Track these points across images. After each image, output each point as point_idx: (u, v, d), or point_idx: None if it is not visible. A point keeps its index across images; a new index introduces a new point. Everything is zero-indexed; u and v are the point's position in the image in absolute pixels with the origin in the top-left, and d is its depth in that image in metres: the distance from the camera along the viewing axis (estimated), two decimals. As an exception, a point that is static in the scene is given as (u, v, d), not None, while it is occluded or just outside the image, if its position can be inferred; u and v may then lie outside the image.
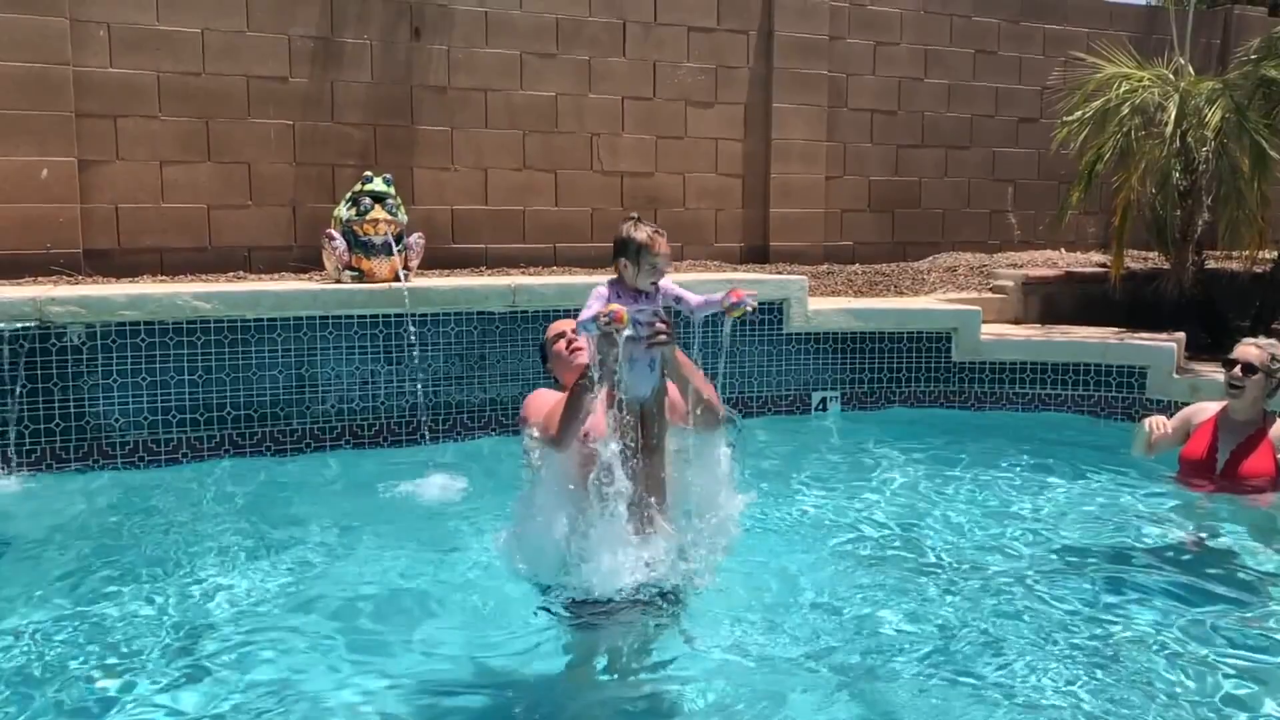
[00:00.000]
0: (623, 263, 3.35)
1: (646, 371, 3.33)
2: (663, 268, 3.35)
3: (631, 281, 3.36)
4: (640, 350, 3.32)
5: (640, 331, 3.27)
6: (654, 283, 3.35)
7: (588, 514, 3.39)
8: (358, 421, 5.67)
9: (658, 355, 3.36)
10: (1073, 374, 6.54)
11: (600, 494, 3.33)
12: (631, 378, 3.30)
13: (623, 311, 3.15)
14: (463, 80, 7.60)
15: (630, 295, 3.35)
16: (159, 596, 3.65)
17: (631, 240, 3.34)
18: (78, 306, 5.11)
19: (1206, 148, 7.10)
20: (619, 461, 3.36)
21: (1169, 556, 4.15)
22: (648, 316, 3.31)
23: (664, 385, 3.39)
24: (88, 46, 6.62)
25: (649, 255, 3.33)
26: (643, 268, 3.33)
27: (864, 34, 8.91)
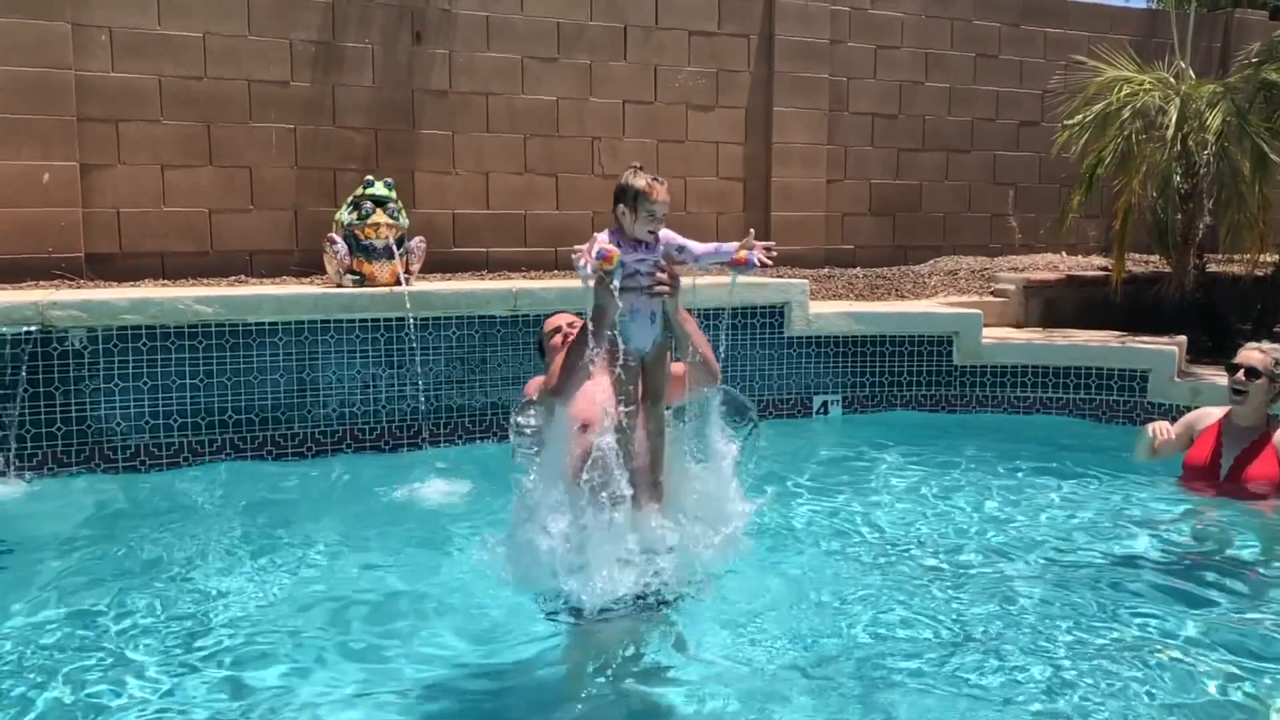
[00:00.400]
0: (621, 210, 3.34)
1: (647, 324, 3.33)
2: (661, 215, 3.33)
3: (630, 230, 3.34)
4: (641, 301, 3.31)
5: (641, 281, 3.26)
6: (652, 232, 3.35)
7: (584, 518, 3.40)
8: (359, 425, 5.67)
9: (659, 308, 3.36)
10: (1074, 378, 6.54)
11: (596, 495, 3.33)
12: (633, 328, 3.31)
13: (615, 251, 3.17)
14: (464, 84, 7.60)
15: (630, 245, 3.33)
16: (159, 600, 3.65)
17: (630, 186, 3.32)
18: (79, 311, 5.11)
19: (1207, 151, 7.11)
20: (616, 459, 3.36)
21: (1172, 562, 4.14)
22: (648, 267, 3.30)
23: (666, 340, 3.38)
24: (89, 51, 6.62)
25: (647, 202, 3.31)
26: (640, 215, 3.32)
27: (865, 38, 8.91)
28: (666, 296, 3.33)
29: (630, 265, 3.28)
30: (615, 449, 3.36)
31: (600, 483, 3.35)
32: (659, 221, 3.33)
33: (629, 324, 3.31)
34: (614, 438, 3.35)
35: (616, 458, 3.35)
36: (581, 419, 3.56)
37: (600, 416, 3.51)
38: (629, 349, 3.31)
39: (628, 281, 3.30)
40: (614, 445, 3.35)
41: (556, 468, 3.51)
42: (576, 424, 3.54)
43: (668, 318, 3.36)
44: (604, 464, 3.34)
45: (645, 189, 3.30)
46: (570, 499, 3.39)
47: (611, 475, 3.33)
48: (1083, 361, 6.53)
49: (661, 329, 3.36)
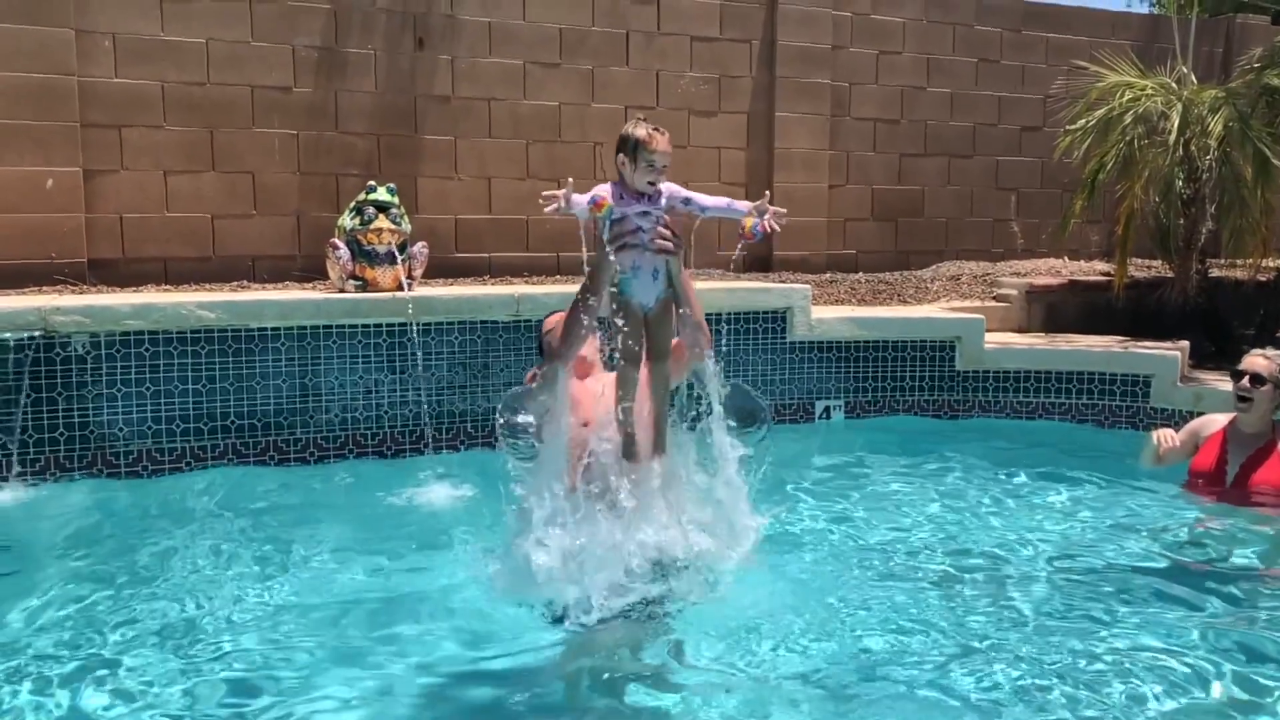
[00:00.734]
0: (621, 159, 3.36)
1: (650, 280, 3.36)
2: (661, 166, 3.34)
3: (630, 181, 3.36)
4: (644, 258, 3.33)
5: (643, 238, 3.29)
6: (652, 183, 3.35)
7: (584, 532, 3.41)
8: (361, 431, 5.67)
9: (662, 265, 3.38)
10: (1077, 383, 6.53)
11: (593, 505, 3.34)
12: (635, 285, 3.35)
13: (606, 200, 3.22)
14: (466, 90, 7.61)
15: (633, 197, 3.34)
16: (161, 605, 3.64)
17: (630, 136, 3.34)
18: (82, 316, 5.12)
19: (1210, 156, 7.11)
20: (614, 461, 3.37)
21: (1178, 569, 4.11)
22: (651, 221, 3.31)
23: (669, 296, 3.41)
24: (93, 57, 6.64)
25: (646, 151, 3.32)
26: (640, 165, 3.33)
27: (867, 43, 8.92)
28: (669, 255, 3.32)
29: (633, 220, 3.29)
30: (613, 452, 3.37)
31: (599, 491, 3.36)
32: (659, 172, 3.35)
33: (631, 280, 3.35)
34: (609, 446, 3.37)
35: (615, 460, 3.36)
36: (583, 417, 3.57)
37: (602, 415, 3.52)
38: (632, 304, 3.34)
39: (630, 239, 3.31)
40: (611, 449, 3.37)
41: (555, 470, 3.52)
42: (578, 423, 3.55)
43: (671, 276, 3.37)
44: (601, 472, 3.36)
45: (645, 138, 3.32)
46: (570, 507, 3.40)
47: (609, 482, 3.34)
48: (1085, 367, 6.52)
49: (665, 286, 3.39)
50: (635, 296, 3.39)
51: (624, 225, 3.36)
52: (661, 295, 3.43)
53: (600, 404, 3.63)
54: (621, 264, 3.38)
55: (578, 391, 3.69)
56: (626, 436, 3.49)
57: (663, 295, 3.43)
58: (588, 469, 3.49)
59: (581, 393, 3.70)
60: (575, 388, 3.69)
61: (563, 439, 3.53)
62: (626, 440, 3.49)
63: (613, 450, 3.52)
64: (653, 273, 3.40)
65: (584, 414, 3.63)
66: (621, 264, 3.38)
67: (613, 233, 3.35)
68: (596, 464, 3.48)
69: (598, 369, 3.88)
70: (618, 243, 3.33)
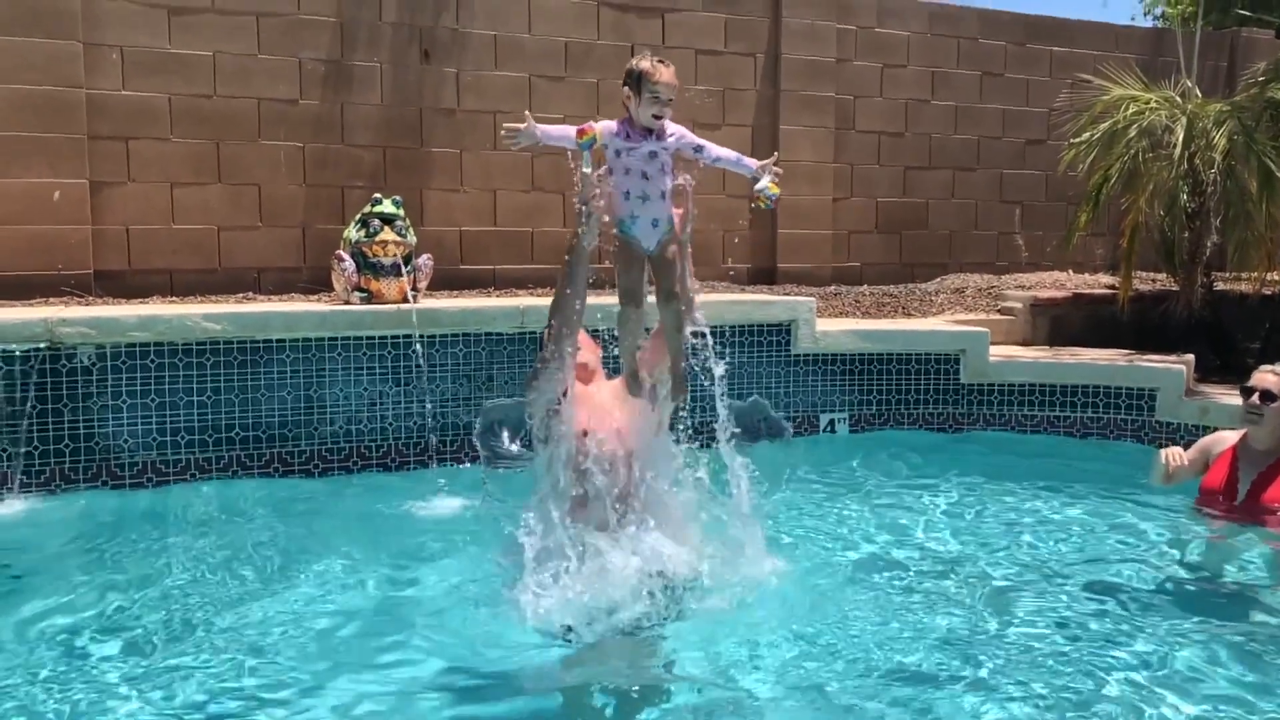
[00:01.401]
0: (626, 93, 3.43)
1: (649, 228, 3.47)
2: (665, 98, 3.40)
3: (636, 115, 3.42)
4: (645, 205, 3.45)
5: (650, 170, 3.43)
6: (658, 116, 3.41)
7: (582, 543, 3.42)
8: (365, 443, 5.67)
9: (663, 215, 3.49)
10: (1081, 396, 6.52)
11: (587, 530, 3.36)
12: (636, 229, 3.46)
13: (593, 128, 3.35)
14: (472, 102, 7.64)
15: (640, 134, 3.41)
16: (165, 617, 3.65)
17: (633, 68, 3.42)
18: (88, 328, 5.13)
19: (1214, 170, 7.10)
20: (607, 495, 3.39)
21: (1189, 589, 4.07)
22: (656, 166, 3.44)
23: (670, 237, 3.52)
24: (101, 69, 6.67)
25: (649, 83, 3.39)
26: (644, 97, 3.40)
27: (871, 56, 8.94)
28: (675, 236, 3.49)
29: (637, 164, 3.42)
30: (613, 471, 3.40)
31: (594, 497, 3.38)
32: (663, 105, 3.42)
33: (631, 226, 3.46)
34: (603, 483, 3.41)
35: (604, 470, 3.39)
36: (583, 424, 3.57)
37: (602, 425, 3.53)
38: (633, 244, 3.46)
39: (626, 180, 3.45)
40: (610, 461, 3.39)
41: (552, 489, 3.53)
42: (578, 430, 3.55)
43: (673, 223, 3.51)
44: (598, 493, 3.37)
45: (648, 69, 3.40)
46: (568, 541, 3.42)
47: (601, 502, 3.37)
48: (1090, 380, 6.51)
49: (666, 230, 3.49)
50: (639, 239, 3.47)
51: (637, 154, 3.46)
52: (664, 238, 3.50)
53: (602, 412, 3.63)
54: (624, 210, 3.49)
55: (580, 397, 3.70)
56: (630, 375, 3.61)
57: (665, 238, 3.51)
58: (582, 503, 3.50)
59: (583, 398, 3.70)
60: (578, 394, 3.70)
61: (562, 446, 3.54)
62: (630, 378, 3.61)
63: (611, 467, 3.53)
64: (652, 221, 3.46)
65: (584, 420, 3.63)
66: (624, 210, 3.49)
67: (624, 164, 3.46)
68: (594, 477, 3.49)
69: (599, 376, 3.88)
70: (629, 169, 3.46)
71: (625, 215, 3.49)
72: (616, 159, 3.51)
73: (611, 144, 3.49)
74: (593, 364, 3.83)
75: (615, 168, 3.52)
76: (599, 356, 3.89)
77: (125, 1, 6.72)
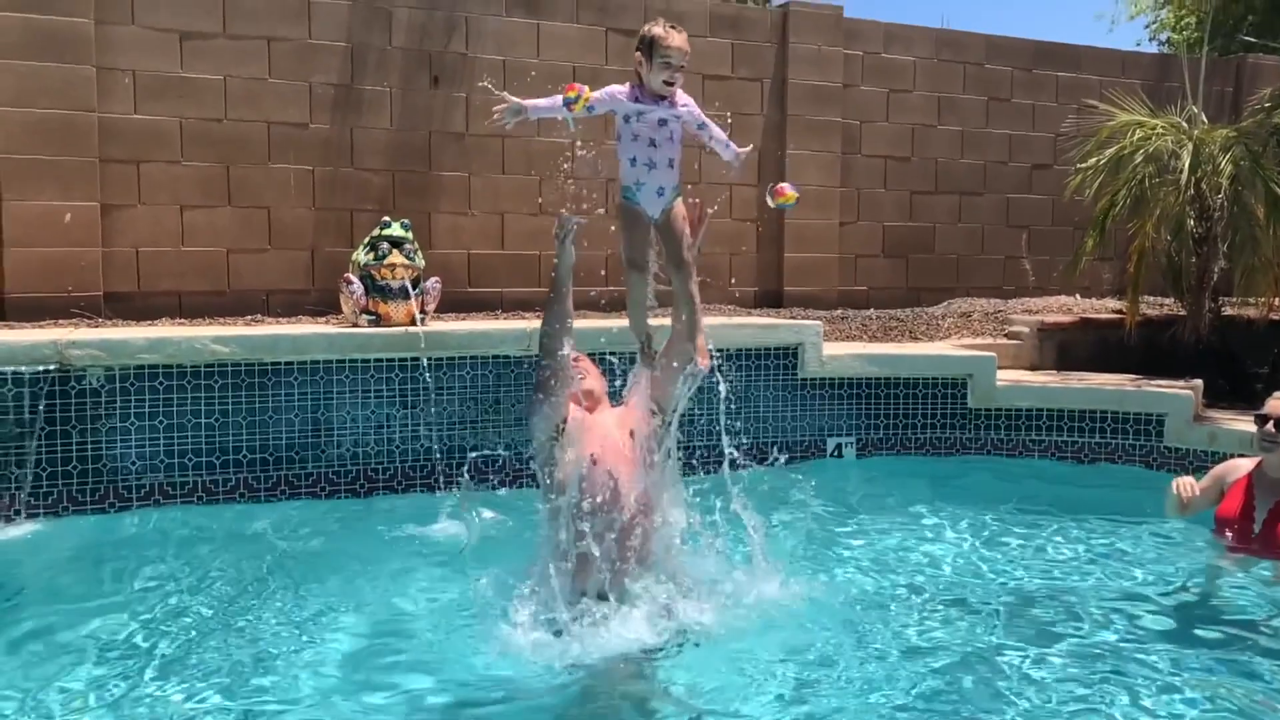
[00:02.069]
0: (638, 58, 3.47)
1: (655, 196, 3.56)
2: (676, 63, 3.45)
3: (647, 81, 3.47)
4: (651, 174, 3.52)
5: (659, 134, 3.50)
6: (669, 83, 3.46)
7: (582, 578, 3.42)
8: (372, 466, 5.67)
9: (669, 183, 3.58)
10: (1089, 421, 6.49)
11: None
12: (642, 196, 3.55)
13: (579, 87, 3.45)
14: (480, 127, 7.68)
15: (650, 99, 3.48)
16: (166, 642, 3.64)
17: (646, 34, 3.47)
18: (98, 350, 5.15)
19: (1221, 195, 7.11)
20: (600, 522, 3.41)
21: (1202, 625, 3.97)
22: (665, 134, 3.51)
23: (675, 203, 3.62)
24: (113, 93, 6.73)
25: (661, 48, 3.44)
26: (655, 63, 3.45)
27: (877, 81, 8.99)
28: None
29: (645, 131, 3.49)
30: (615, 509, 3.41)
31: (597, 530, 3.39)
32: (674, 70, 3.47)
33: (636, 193, 3.55)
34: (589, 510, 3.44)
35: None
36: (590, 451, 3.57)
37: (613, 448, 3.53)
38: (639, 212, 3.55)
39: (634, 146, 3.52)
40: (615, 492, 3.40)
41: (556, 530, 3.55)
42: (586, 458, 3.55)
43: (678, 192, 3.61)
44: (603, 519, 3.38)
45: (661, 34, 3.46)
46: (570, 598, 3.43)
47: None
48: (1098, 405, 6.49)
49: (671, 199, 3.59)
50: (642, 205, 3.55)
51: (647, 119, 3.52)
52: (668, 206, 3.58)
53: (610, 441, 3.63)
54: (630, 176, 3.57)
55: (585, 425, 3.69)
56: (642, 347, 3.68)
57: (669, 206, 3.58)
58: (585, 566, 3.50)
59: (588, 426, 3.70)
60: (582, 420, 3.70)
61: (565, 496, 3.54)
62: (642, 350, 3.69)
63: (616, 498, 3.53)
64: (658, 189, 3.51)
65: (587, 449, 3.62)
66: (630, 176, 3.57)
67: (633, 130, 3.53)
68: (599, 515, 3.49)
69: (604, 404, 3.88)
70: (637, 136, 3.54)
71: (630, 182, 3.56)
72: (625, 124, 3.57)
73: (621, 109, 3.53)
74: (598, 391, 3.83)
75: (623, 133, 3.57)
76: (604, 386, 3.89)
77: (138, 27, 6.78)
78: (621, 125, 3.58)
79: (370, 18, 7.36)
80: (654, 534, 3.61)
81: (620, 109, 3.53)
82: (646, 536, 3.57)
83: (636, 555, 3.53)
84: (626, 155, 3.57)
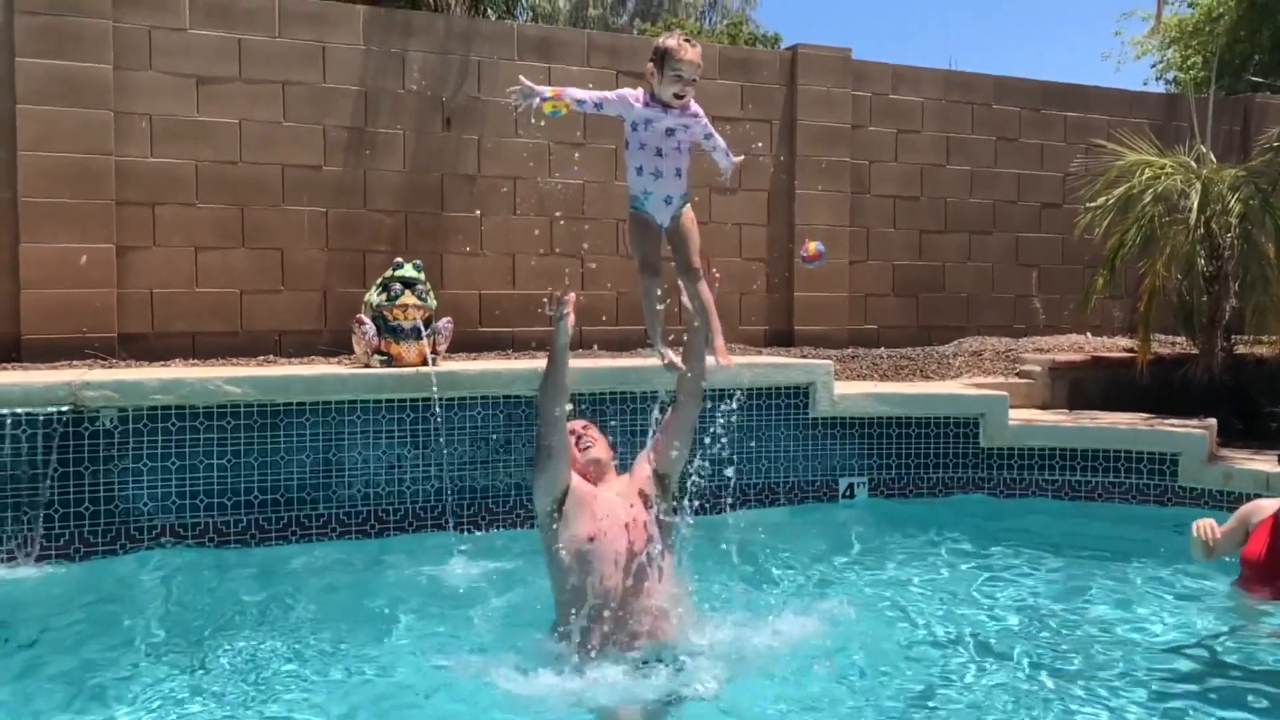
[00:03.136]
0: (650, 69, 3.50)
1: (663, 205, 3.62)
2: (688, 76, 3.48)
3: (658, 91, 3.49)
4: (658, 183, 3.58)
5: (669, 143, 3.58)
6: (679, 95, 3.49)
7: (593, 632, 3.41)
8: (384, 506, 5.67)
9: (676, 192, 3.62)
10: (1103, 460, 6.46)
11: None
12: (650, 205, 3.60)
13: (563, 99, 3.54)
14: (492, 168, 7.76)
15: (660, 107, 3.52)
16: (173, 685, 3.63)
17: (660, 45, 3.50)
18: (112, 391, 5.17)
19: (1231, 234, 7.12)
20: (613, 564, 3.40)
21: (1228, 672, 3.91)
22: (673, 144, 3.57)
23: (682, 210, 3.68)
24: (130, 137, 6.82)
25: (673, 61, 3.47)
26: (666, 74, 3.48)
27: (886, 122, 9.05)
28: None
29: (652, 141, 3.54)
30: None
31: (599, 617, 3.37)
32: (685, 83, 3.49)
33: (645, 202, 3.60)
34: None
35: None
36: (589, 530, 3.55)
37: (614, 524, 3.52)
38: (648, 219, 3.60)
39: (640, 155, 3.58)
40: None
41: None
42: (584, 538, 3.53)
43: (687, 199, 3.68)
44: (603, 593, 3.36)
45: (674, 47, 3.50)
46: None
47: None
48: (1111, 445, 6.46)
49: (679, 206, 3.63)
50: (651, 213, 3.60)
51: (655, 129, 3.55)
52: (677, 214, 3.63)
53: (611, 513, 3.60)
54: (637, 185, 3.61)
55: (585, 498, 3.63)
56: (659, 350, 3.71)
57: (678, 214, 3.63)
58: (599, 629, 3.48)
59: (588, 500, 3.63)
60: (584, 494, 3.63)
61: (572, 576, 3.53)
62: (660, 352, 3.71)
63: (618, 568, 3.51)
64: (665, 199, 3.55)
65: (590, 525, 3.57)
66: (637, 185, 3.61)
67: (640, 138, 3.57)
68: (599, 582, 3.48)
69: (610, 473, 3.83)
70: (644, 144, 3.59)
71: (638, 191, 3.61)
72: (633, 132, 3.60)
73: (630, 114, 3.56)
74: (605, 460, 3.79)
75: (630, 141, 3.61)
76: (610, 455, 3.86)
77: (156, 72, 6.89)
78: (629, 133, 3.62)
79: (384, 62, 7.46)
80: (661, 592, 3.57)
81: (629, 114, 3.57)
82: (649, 603, 3.53)
83: (643, 618, 3.50)
84: (633, 164, 3.62)
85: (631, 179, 3.64)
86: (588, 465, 3.71)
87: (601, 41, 8.37)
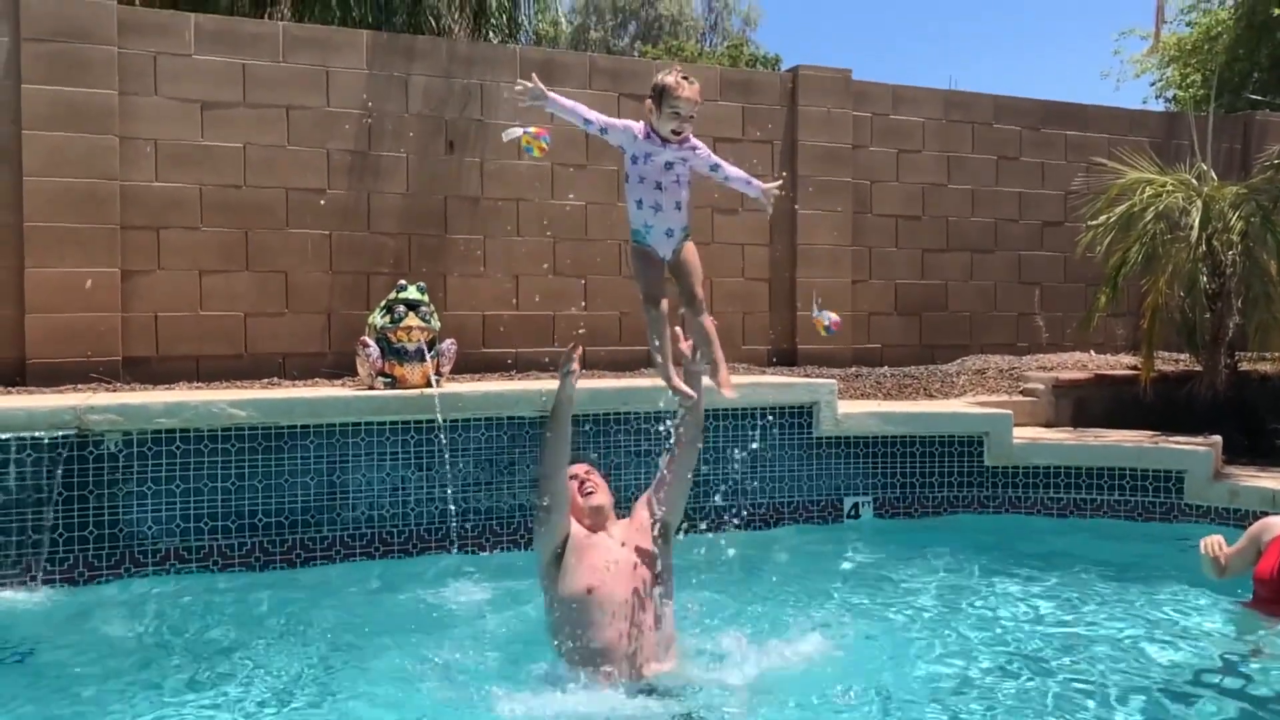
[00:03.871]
0: (648, 105, 3.50)
1: (664, 237, 3.64)
2: (685, 114, 3.49)
3: (655, 125, 3.50)
4: (658, 216, 3.60)
5: (668, 178, 3.61)
6: (676, 131, 3.50)
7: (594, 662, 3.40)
8: (387, 529, 5.67)
9: (677, 225, 3.65)
10: (1108, 478, 6.45)
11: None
12: (651, 238, 3.62)
13: (543, 144, 3.68)
14: (495, 190, 7.79)
15: (659, 141, 3.55)
16: (185, 707, 3.61)
17: (659, 82, 3.51)
18: (116, 415, 5.18)
19: (1233, 251, 7.12)
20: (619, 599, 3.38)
21: (1234, 691, 3.86)
22: (671, 177, 3.61)
23: (684, 242, 3.71)
24: (135, 162, 6.86)
25: (671, 98, 3.48)
26: (664, 111, 3.49)
27: (887, 142, 9.08)
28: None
29: (652, 174, 3.58)
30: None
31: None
32: (683, 120, 3.50)
33: (646, 235, 3.62)
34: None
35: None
36: (586, 582, 3.54)
37: (612, 574, 3.51)
38: (650, 252, 3.62)
39: (640, 189, 3.60)
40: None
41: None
42: (580, 586, 3.52)
43: (688, 232, 3.70)
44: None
45: (672, 85, 3.51)
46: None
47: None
48: (1116, 462, 6.45)
49: (680, 239, 3.66)
50: (653, 246, 3.61)
51: (654, 163, 3.57)
52: (679, 246, 3.65)
53: (610, 562, 3.57)
54: (638, 219, 3.63)
55: (585, 548, 3.62)
56: (665, 377, 3.68)
57: (680, 246, 3.66)
58: (607, 668, 3.46)
59: (587, 549, 3.62)
60: (582, 542, 3.62)
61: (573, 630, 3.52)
62: (667, 379, 3.67)
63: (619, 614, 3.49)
64: (666, 231, 3.55)
65: (589, 576, 3.55)
66: (638, 219, 3.63)
67: (639, 172, 3.58)
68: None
69: (611, 519, 3.81)
70: (644, 178, 3.60)
71: (639, 225, 3.61)
72: (633, 165, 3.61)
73: (631, 147, 3.57)
74: (606, 507, 3.78)
75: (630, 175, 3.62)
76: (611, 501, 3.85)
77: (161, 98, 6.93)
78: (629, 166, 3.63)
79: (387, 86, 7.51)
80: (662, 635, 3.56)
81: (630, 147, 3.58)
82: (650, 648, 3.52)
83: (646, 660, 3.49)
84: (633, 197, 3.63)
85: (632, 213, 3.65)
86: (590, 512, 3.70)
87: (604, 64, 8.41)
